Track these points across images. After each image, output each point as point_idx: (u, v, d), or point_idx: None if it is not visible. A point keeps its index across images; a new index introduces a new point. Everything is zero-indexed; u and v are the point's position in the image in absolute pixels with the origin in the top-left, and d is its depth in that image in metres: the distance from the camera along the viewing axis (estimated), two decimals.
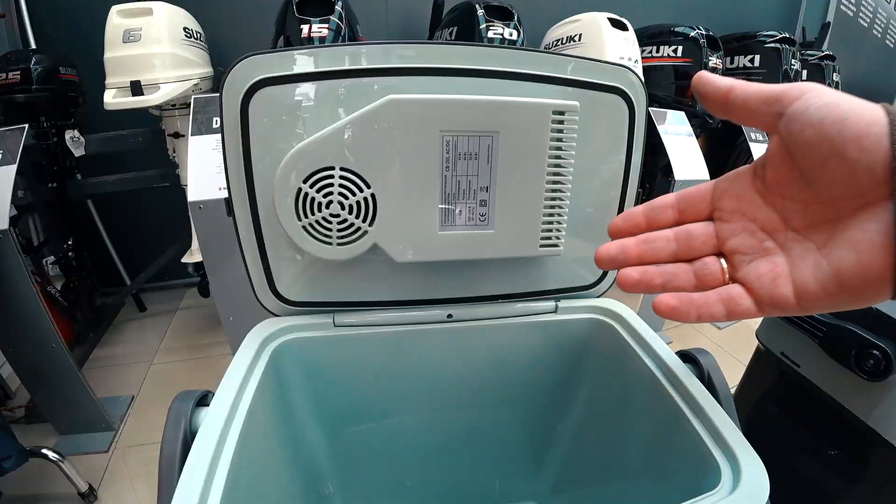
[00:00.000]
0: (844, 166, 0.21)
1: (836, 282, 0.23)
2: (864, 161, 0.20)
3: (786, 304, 0.25)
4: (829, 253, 0.23)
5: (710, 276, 0.28)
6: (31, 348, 1.09)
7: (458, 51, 0.41)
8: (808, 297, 0.24)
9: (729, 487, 0.32)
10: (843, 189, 0.22)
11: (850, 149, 0.20)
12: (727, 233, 0.28)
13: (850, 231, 0.22)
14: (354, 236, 0.43)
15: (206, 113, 1.02)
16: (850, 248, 0.22)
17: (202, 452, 0.33)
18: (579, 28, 1.47)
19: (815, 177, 0.23)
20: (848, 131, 0.20)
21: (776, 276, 0.25)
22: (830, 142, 0.21)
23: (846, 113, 0.21)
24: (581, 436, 0.58)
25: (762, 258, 0.26)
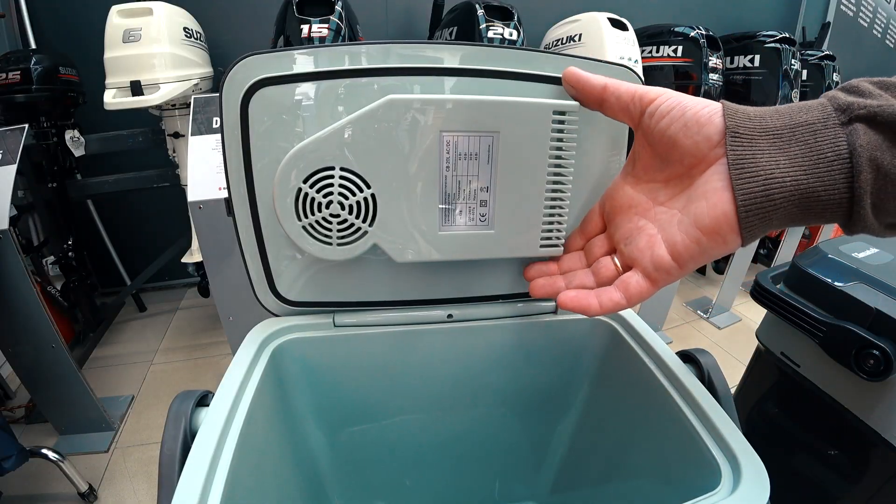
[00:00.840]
0: (689, 139, 0.28)
1: (697, 229, 0.28)
2: (703, 133, 0.27)
3: (665, 264, 0.30)
4: (687, 209, 0.29)
5: (604, 270, 0.34)
6: (31, 348, 1.09)
7: (458, 51, 0.41)
8: (679, 252, 0.29)
9: (729, 488, 0.32)
10: (691, 158, 0.28)
11: (692, 126, 0.27)
12: (612, 230, 0.34)
13: (699, 187, 0.28)
14: (354, 236, 0.43)
15: (206, 113, 1.02)
16: (702, 199, 0.28)
17: (202, 452, 0.33)
18: (579, 28, 1.47)
19: (669, 156, 0.29)
20: (689, 114, 0.28)
21: (651, 243, 0.30)
22: (677, 125, 0.28)
23: (687, 104, 0.28)
24: (581, 436, 0.58)
25: (639, 235, 0.32)
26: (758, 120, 0.26)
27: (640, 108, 0.30)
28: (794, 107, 0.26)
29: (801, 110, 0.25)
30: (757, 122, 0.26)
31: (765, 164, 0.25)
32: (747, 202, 0.25)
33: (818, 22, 2.40)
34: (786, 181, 0.24)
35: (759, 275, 0.69)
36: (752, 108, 0.27)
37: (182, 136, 1.38)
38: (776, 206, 0.25)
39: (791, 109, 0.26)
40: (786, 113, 0.26)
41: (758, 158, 0.25)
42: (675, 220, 0.29)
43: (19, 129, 1.06)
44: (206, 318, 1.81)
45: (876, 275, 0.58)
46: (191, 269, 1.50)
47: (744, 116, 0.26)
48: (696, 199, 0.28)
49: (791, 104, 0.26)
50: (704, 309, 1.88)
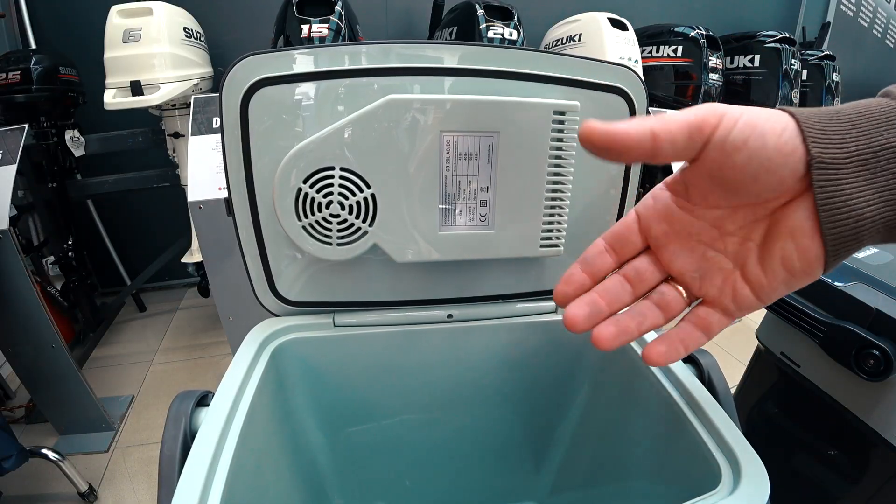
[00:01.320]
0: (773, 175, 0.23)
1: (785, 269, 0.25)
2: (788, 166, 0.23)
3: (750, 304, 0.27)
4: (770, 247, 0.25)
5: (672, 302, 0.29)
6: (31, 348, 1.09)
7: (458, 51, 0.41)
8: (765, 291, 0.26)
9: (729, 488, 0.32)
10: (773, 192, 0.24)
11: (775, 159, 0.23)
12: (669, 256, 0.29)
13: (783, 224, 0.25)
14: (354, 236, 0.43)
15: (206, 113, 1.02)
16: (788, 239, 0.25)
17: (202, 452, 0.33)
18: (579, 28, 1.47)
19: (741, 189, 0.25)
20: (769, 146, 0.23)
21: (733, 285, 0.27)
22: (758, 160, 0.23)
23: (765, 127, 0.23)
24: (581, 436, 0.58)
25: (713, 271, 0.27)
26: (839, 142, 0.23)
27: (702, 142, 0.24)
28: (871, 117, 0.23)
29: (880, 124, 0.23)
30: (839, 146, 0.23)
31: (854, 202, 0.23)
32: (838, 245, 0.24)
33: (818, 22, 2.40)
34: (875, 219, 0.23)
35: None
36: (828, 121, 0.23)
37: (182, 136, 1.38)
38: (862, 243, 0.24)
39: (869, 123, 0.23)
40: (863, 128, 0.23)
41: (846, 195, 0.23)
42: (753, 256, 0.26)
43: (19, 129, 1.06)
44: (206, 318, 1.81)
45: (876, 275, 0.58)
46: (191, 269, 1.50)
47: (825, 139, 0.23)
48: (781, 238, 0.25)
49: (861, 107, 0.23)
50: None
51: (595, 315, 0.28)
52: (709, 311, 0.28)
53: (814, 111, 0.23)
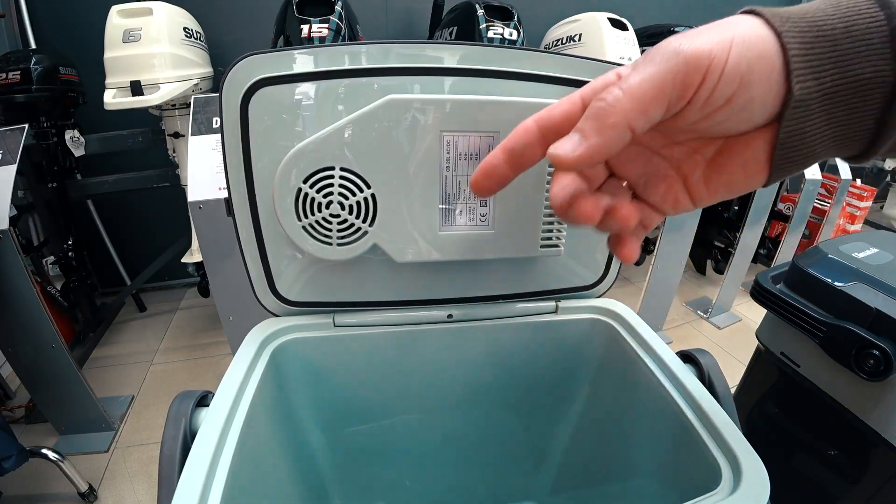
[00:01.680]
0: (745, 122, 0.22)
1: (727, 187, 0.25)
2: (765, 109, 0.21)
3: (686, 209, 0.26)
4: (719, 168, 0.24)
5: (622, 198, 0.27)
6: (31, 348, 1.09)
7: (458, 51, 0.41)
8: (703, 201, 0.26)
9: (729, 487, 0.32)
10: (743, 131, 0.23)
11: (757, 111, 0.21)
12: (615, 159, 0.26)
13: (737, 151, 0.23)
14: (354, 236, 0.43)
15: (206, 113, 1.02)
16: (740, 165, 0.23)
17: (202, 452, 0.33)
18: (579, 28, 1.47)
19: (709, 131, 0.23)
20: (756, 98, 0.21)
21: (675, 194, 0.26)
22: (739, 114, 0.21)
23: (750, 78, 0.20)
24: (581, 436, 0.58)
25: (657, 177, 0.26)
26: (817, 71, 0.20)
27: (682, 106, 0.21)
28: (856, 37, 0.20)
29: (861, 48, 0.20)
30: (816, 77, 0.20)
31: (811, 139, 0.22)
32: (783, 172, 0.23)
33: None
34: (819, 153, 0.22)
35: (759, 275, 0.69)
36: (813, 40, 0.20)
37: (182, 136, 1.38)
38: (802, 169, 0.23)
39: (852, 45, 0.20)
40: (844, 51, 0.20)
41: (807, 132, 0.21)
42: (699, 170, 0.25)
43: (19, 129, 1.06)
44: (206, 318, 1.81)
45: (876, 275, 0.58)
46: (191, 269, 1.50)
47: (807, 70, 0.20)
48: (732, 163, 0.24)
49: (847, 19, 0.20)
50: (704, 309, 1.88)
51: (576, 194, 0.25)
52: (646, 209, 0.27)
53: (802, 24, 0.21)
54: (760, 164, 0.23)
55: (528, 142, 0.26)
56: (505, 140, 0.26)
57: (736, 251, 1.71)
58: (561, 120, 0.25)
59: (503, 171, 0.27)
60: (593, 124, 0.22)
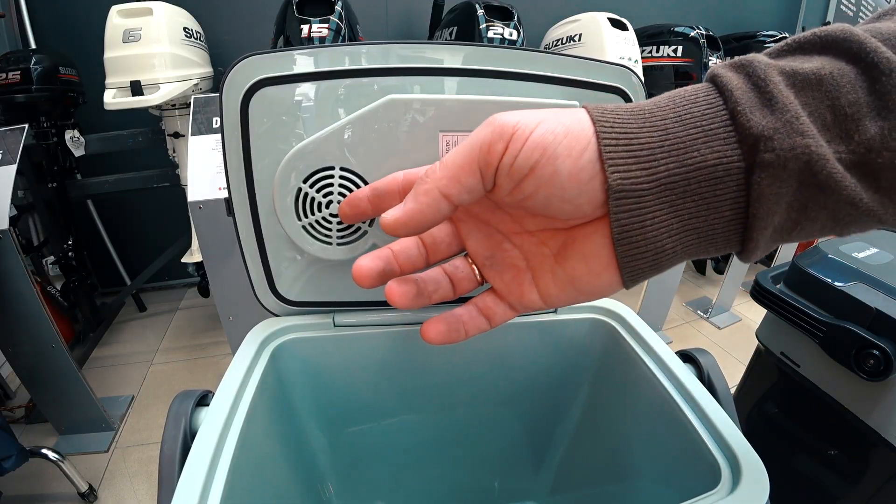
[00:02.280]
0: (567, 204, 0.21)
1: (573, 286, 0.24)
2: (585, 194, 0.20)
3: (536, 306, 0.26)
4: (563, 262, 0.24)
5: (465, 280, 0.27)
6: (31, 348, 1.09)
7: (458, 51, 0.41)
8: (551, 299, 0.25)
9: (729, 487, 0.32)
10: (569, 216, 0.22)
11: (569, 188, 0.20)
12: (466, 233, 0.27)
13: (579, 244, 0.23)
14: (354, 236, 0.43)
15: (206, 113, 1.02)
16: (582, 260, 0.23)
17: (202, 452, 0.33)
18: (579, 28, 1.47)
19: (541, 213, 0.22)
20: (563, 172, 0.20)
21: (521, 285, 0.25)
22: (549, 188, 0.20)
23: (555, 151, 0.20)
24: (581, 436, 0.58)
25: (505, 264, 0.26)
26: (647, 161, 0.19)
27: (493, 174, 0.21)
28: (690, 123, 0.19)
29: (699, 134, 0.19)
30: (646, 167, 0.19)
31: (654, 234, 0.20)
32: (635, 275, 0.22)
33: (818, 22, 2.40)
34: (677, 250, 0.21)
35: (759, 275, 0.69)
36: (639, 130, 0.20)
37: (182, 136, 1.38)
38: (662, 270, 0.22)
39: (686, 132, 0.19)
40: (679, 138, 0.19)
41: (647, 228, 0.20)
42: (547, 264, 0.25)
43: (19, 129, 1.06)
44: (206, 318, 1.81)
45: (876, 275, 0.58)
46: (191, 269, 1.50)
47: (631, 159, 0.19)
48: (575, 257, 0.23)
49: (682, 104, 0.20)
50: (704, 309, 1.88)
51: (388, 273, 0.26)
52: (496, 300, 0.27)
53: (625, 114, 0.20)
54: (603, 261, 0.22)
55: (391, 189, 0.28)
56: (373, 183, 0.29)
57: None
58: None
59: (365, 207, 0.29)
60: (411, 194, 0.23)
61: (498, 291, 0.27)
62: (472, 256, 0.27)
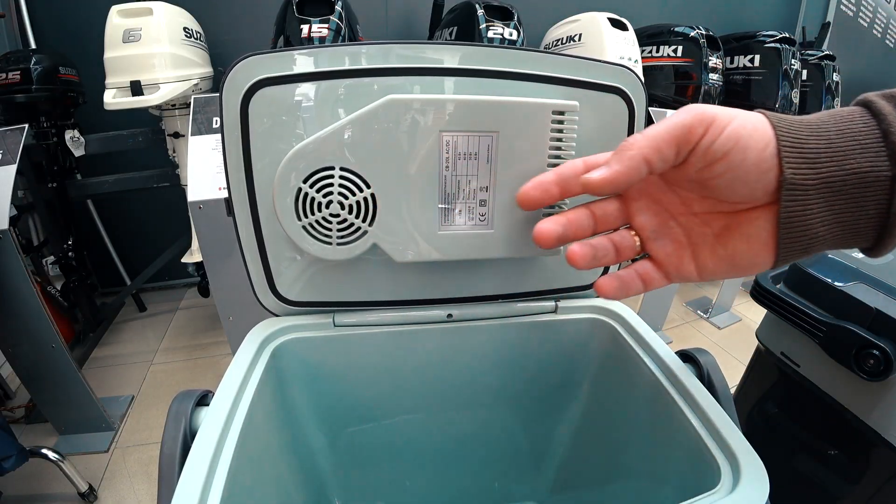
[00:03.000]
0: (747, 187, 0.25)
1: (731, 262, 0.28)
2: (761, 181, 0.25)
3: (690, 278, 0.29)
4: (725, 241, 0.28)
5: (627, 249, 0.31)
6: (31, 348, 1.09)
7: (458, 51, 0.41)
8: (707, 272, 0.29)
9: (729, 487, 0.32)
10: (742, 199, 0.26)
11: (752, 175, 0.25)
12: (635, 210, 0.31)
13: (743, 226, 0.27)
14: (354, 236, 0.43)
15: (206, 113, 1.02)
16: (744, 240, 0.27)
17: (202, 452, 0.33)
18: (579, 28, 1.47)
19: (720, 193, 0.26)
20: (749, 160, 0.24)
21: (681, 258, 0.29)
22: (735, 171, 0.25)
23: (747, 140, 0.24)
24: (581, 435, 0.58)
25: (668, 239, 0.30)
26: (813, 163, 0.24)
27: (689, 150, 0.25)
28: (848, 137, 0.23)
29: (855, 146, 0.23)
30: (812, 167, 0.24)
31: (812, 223, 0.24)
32: (788, 256, 0.26)
33: (818, 22, 2.40)
34: (826, 238, 0.25)
35: (759, 275, 0.69)
36: (807, 138, 0.24)
37: (182, 136, 1.38)
38: (809, 254, 0.26)
39: (845, 143, 0.23)
40: (838, 148, 0.23)
41: (807, 217, 0.24)
42: (708, 243, 0.28)
43: (19, 129, 1.06)
44: (206, 318, 1.81)
45: (876, 275, 0.58)
46: (191, 269, 1.50)
47: (801, 160, 0.24)
48: (737, 238, 0.27)
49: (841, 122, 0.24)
50: (704, 309, 1.88)
51: (562, 237, 0.30)
52: (654, 268, 0.30)
53: (797, 124, 0.25)
54: (763, 243, 0.26)
55: (575, 173, 0.30)
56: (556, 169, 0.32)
57: None
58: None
59: (554, 190, 0.31)
60: (616, 156, 0.27)
61: (657, 261, 0.30)
62: (638, 230, 0.31)
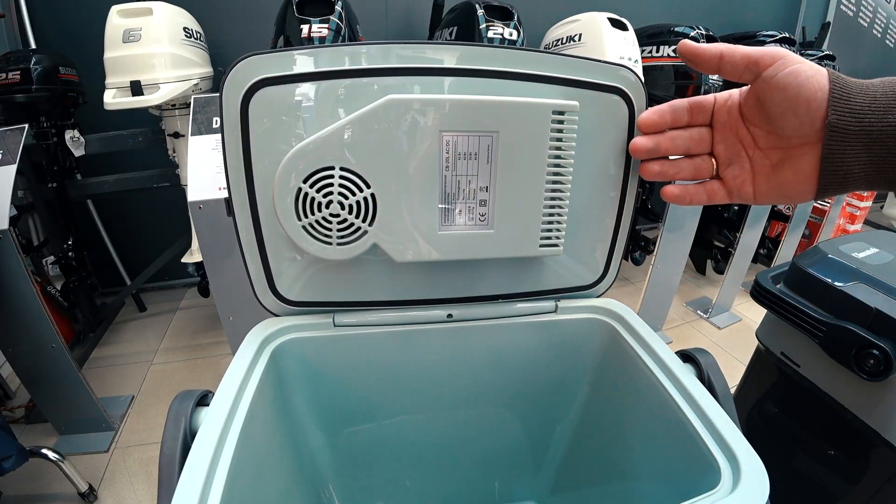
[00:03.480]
0: (797, 119, 0.31)
1: (780, 188, 0.35)
2: (809, 117, 0.30)
3: (747, 199, 0.37)
4: (778, 171, 0.34)
5: (705, 170, 0.38)
6: (31, 348, 1.09)
7: (458, 51, 0.41)
8: (761, 196, 0.36)
9: (729, 487, 0.32)
10: (794, 132, 0.32)
11: (801, 109, 0.30)
12: (718, 139, 0.38)
13: (793, 159, 0.33)
14: (354, 236, 0.43)
15: (206, 113, 1.02)
16: (792, 171, 0.33)
17: (202, 452, 0.33)
18: (579, 28, 1.47)
19: (776, 120, 0.32)
20: (801, 97, 0.30)
21: (744, 181, 0.36)
22: (789, 102, 0.31)
23: (804, 81, 0.30)
24: (581, 435, 0.58)
25: (737, 164, 0.37)
26: (857, 113, 0.28)
27: (756, 73, 0.32)
28: (891, 98, 0.28)
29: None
30: (856, 118, 0.28)
31: (850, 161, 0.29)
32: (826, 189, 0.32)
33: (818, 22, 2.40)
34: (860, 176, 0.30)
35: (759, 275, 0.69)
36: (857, 93, 0.29)
37: (182, 136, 1.38)
38: (847, 189, 0.31)
39: (889, 101, 0.28)
40: (882, 105, 0.28)
41: (846, 156, 0.29)
42: (765, 172, 0.35)
43: (19, 129, 1.06)
44: (206, 318, 1.81)
45: (876, 275, 0.58)
46: (191, 269, 1.50)
47: (846, 110, 0.29)
48: (787, 168, 0.33)
49: (889, 86, 0.28)
50: (704, 309, 1.88)
51: (654, 151, 0.39)
52: (719, 186, 0.38)
53: (851, 83, 0.30)
54: (807, 175, 0.32)
55: (683, 108, 0.38)
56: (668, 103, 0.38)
57: (736, 251, 1.71)
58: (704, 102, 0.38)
59: (666, 117, 0.38)
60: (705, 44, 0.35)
61: (725, 182, 0.37)
62: (717, 157, 0.38)
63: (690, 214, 1.46)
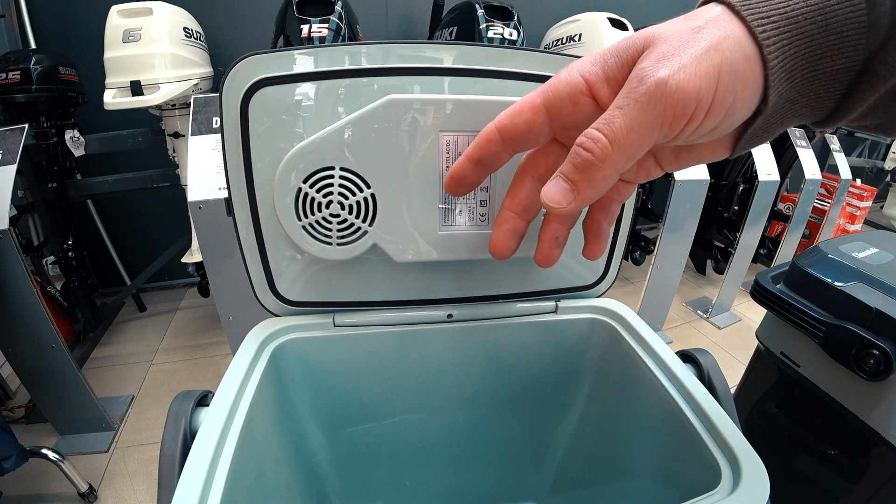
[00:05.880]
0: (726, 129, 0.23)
1: (695, 159, 0.27)
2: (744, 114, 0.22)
3: (655, 176, 0.28)
4: (690, 149, 0.26)
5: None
6: (31, 348, 1.09)
7: (458, 51, 0.41)
8: (673, 169, 0.28)
9: (729, 487, 0.32)
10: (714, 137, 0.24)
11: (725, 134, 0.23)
12: None
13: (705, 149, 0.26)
14: (354, 236, 0.43)
15: (206, 113, 1.02)
16: (710, 147, 0.25)
17: (202, 452, 0.33)
18: (579, 28, 1.47)
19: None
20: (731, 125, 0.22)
21: (648, 170, 0.28)
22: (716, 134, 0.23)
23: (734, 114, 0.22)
24: (581, 436, 0.58)
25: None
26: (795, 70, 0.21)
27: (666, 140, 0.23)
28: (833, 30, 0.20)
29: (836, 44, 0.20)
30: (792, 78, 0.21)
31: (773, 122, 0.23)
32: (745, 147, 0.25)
33: None
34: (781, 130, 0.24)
35: (759, 275, 0.69)
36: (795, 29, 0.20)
37: (182, 136, 1.38)
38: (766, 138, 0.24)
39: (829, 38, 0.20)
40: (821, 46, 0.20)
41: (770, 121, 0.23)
42: (670, 152, 0.27)
43: (19, 129, 1.06)
44: (206, 318, 1.81)
45: (876, 275, 0.58)
46: (191, 269, 1.50)
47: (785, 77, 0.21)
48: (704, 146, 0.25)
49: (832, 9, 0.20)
50: (704, 309, 1.88)
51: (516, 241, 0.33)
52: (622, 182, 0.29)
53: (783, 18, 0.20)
54: (725, 143, 0.25)
55: (492, 152, 0.28)
56: (469, 149, 0.29)
57: (736, 251, 1.71)
58: (525, 130, 0.27)
59: (473, 178, 0.30)
60: (584, 177, 0.23)
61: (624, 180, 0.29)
62: None
63: (690, 214, 1.46)
